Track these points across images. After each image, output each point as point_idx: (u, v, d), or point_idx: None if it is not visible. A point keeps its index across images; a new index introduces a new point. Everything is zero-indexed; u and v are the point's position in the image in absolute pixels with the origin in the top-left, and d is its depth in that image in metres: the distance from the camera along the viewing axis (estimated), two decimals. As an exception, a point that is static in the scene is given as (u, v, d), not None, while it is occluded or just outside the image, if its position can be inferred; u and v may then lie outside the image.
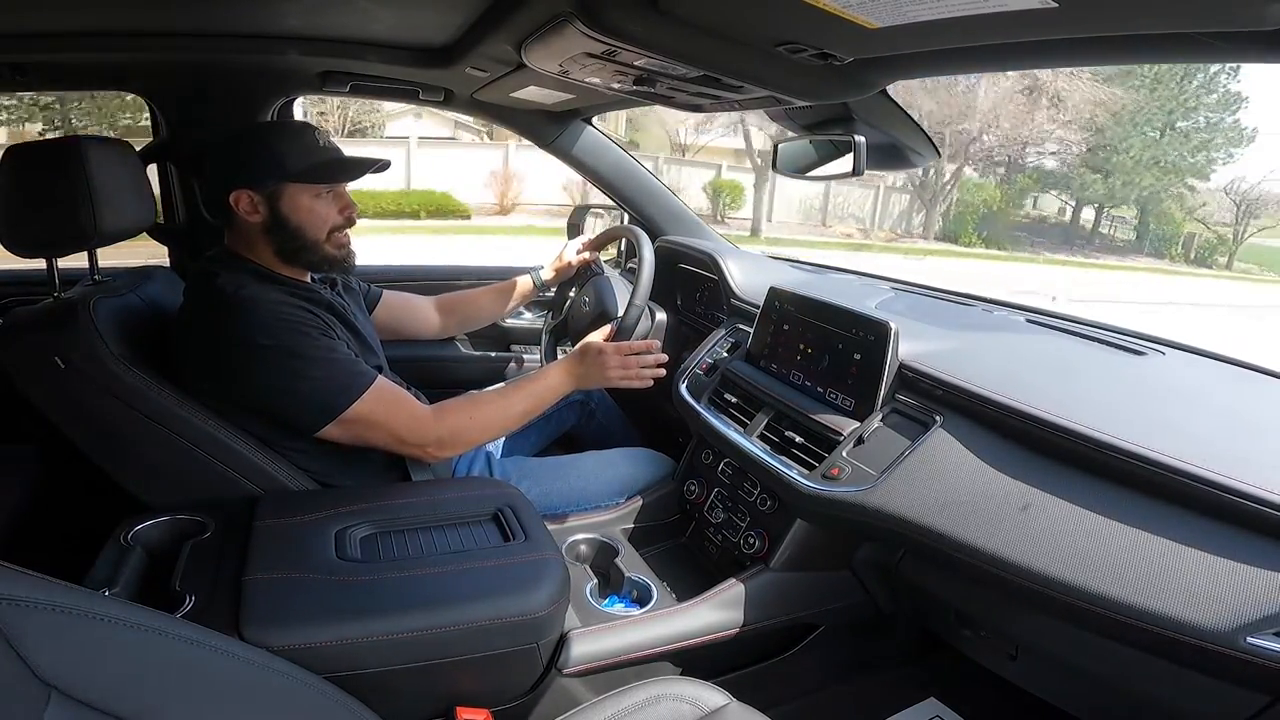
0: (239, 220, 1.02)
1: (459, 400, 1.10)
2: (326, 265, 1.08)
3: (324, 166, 1.03)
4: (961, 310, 1.33)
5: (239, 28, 1.23)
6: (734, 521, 1.19)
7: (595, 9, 0.76)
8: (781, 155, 1.28)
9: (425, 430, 1.04)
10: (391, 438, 1.03)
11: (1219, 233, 19.34)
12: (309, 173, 1.01)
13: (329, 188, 1.04)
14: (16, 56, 1.24)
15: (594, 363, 1.15)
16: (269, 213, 1.01)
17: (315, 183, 1.02)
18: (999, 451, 0.87)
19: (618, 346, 1.16)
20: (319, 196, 1.03)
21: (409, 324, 1.44)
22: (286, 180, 1.00)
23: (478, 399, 1.12)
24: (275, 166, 1.00)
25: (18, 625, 0.42)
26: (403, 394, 1.06)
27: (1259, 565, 0.63)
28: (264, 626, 0.73)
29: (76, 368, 0.90)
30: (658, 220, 1.77)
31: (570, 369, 1.17)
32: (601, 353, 1.15)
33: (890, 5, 0.64)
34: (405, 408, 1.04)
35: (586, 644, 0.95)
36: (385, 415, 1.01)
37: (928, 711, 1.12)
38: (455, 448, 1.10)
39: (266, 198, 1.01)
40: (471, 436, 1.10)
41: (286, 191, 1.01)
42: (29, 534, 1.27)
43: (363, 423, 1.00)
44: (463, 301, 1.51)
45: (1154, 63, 0.75)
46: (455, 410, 1.08)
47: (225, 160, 1.02)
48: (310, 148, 1.03)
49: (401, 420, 1.03)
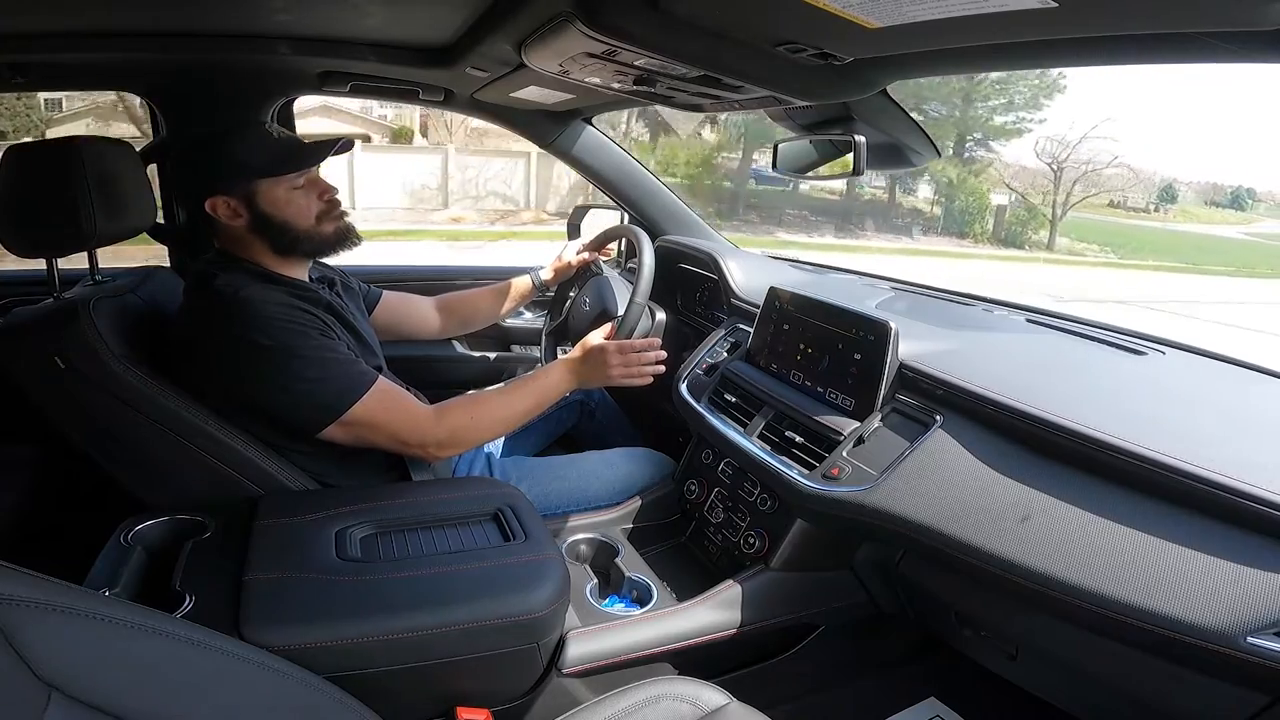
0: (223, 226, 1.02)
1: (460, 400, 1.10)
2: (329, 248, 1.07)
3: (286, 156, 1.02)
4: (962, 310, 1.33)
5: (239, 28, 1.23)
6: (734, 521, 1.19)
7: (595, 9, 0.76)
8: (781, 155, 1.28)
9: (426, 431, 1.04)
10: (392, 438, 1.03)
11: (1035, 205, 16.92)
12: (273, 165, 1.00)
13: (299, 175, 1.03)
14: (16, 56, 1.24)
15: (596, 361, 1.15)
16: (250, 213, 1.01)
17: (282, 174, 1.01)
18: (999, 451, 0.87)
19: (619, 345, 1.15)
20: (294, 187, 1.02)
21: (409, 324, 1.44)
22: (254, 177, 1.00)
23: (478, 399, 1.12)
24: (239, 167, 0.99)
25: (18, 625, 0.42)
26: (403, 394, 1.06)
27: (1259, 565, 0.63)
28: (264, 626, 0.73)
29: (76, 368, 0.90)
30: (658, 220, 1.77)
31: (572, 368, 1.16)
32: (603, 351, 1.15)
33: (890, 5, 0.64)
34: (406, 408, 1.04)
35: (586, 644, 0.95)
36: (386, 416, 1.01)
37: (928, 711, 1.12)
38: (457, 448, 1.10)
39: (243, 199, 1.00)
40: (473, 436, 1.09)
41: (260, 189, 1.00)
42: (29, 534, 1.27)
43: (363, 423, 1.00)
44: (462, 302, 1.50)
45: (1154, 63, 0.75)
46: (456, 410, 1.08)
47: (190, 169, 1.02)
48: (266, 142, 1.02)
49: (402, 421, 1.03)
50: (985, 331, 1.17)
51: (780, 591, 1.07)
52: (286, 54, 1.29)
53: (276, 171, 1.01)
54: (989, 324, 1.26)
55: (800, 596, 1.09)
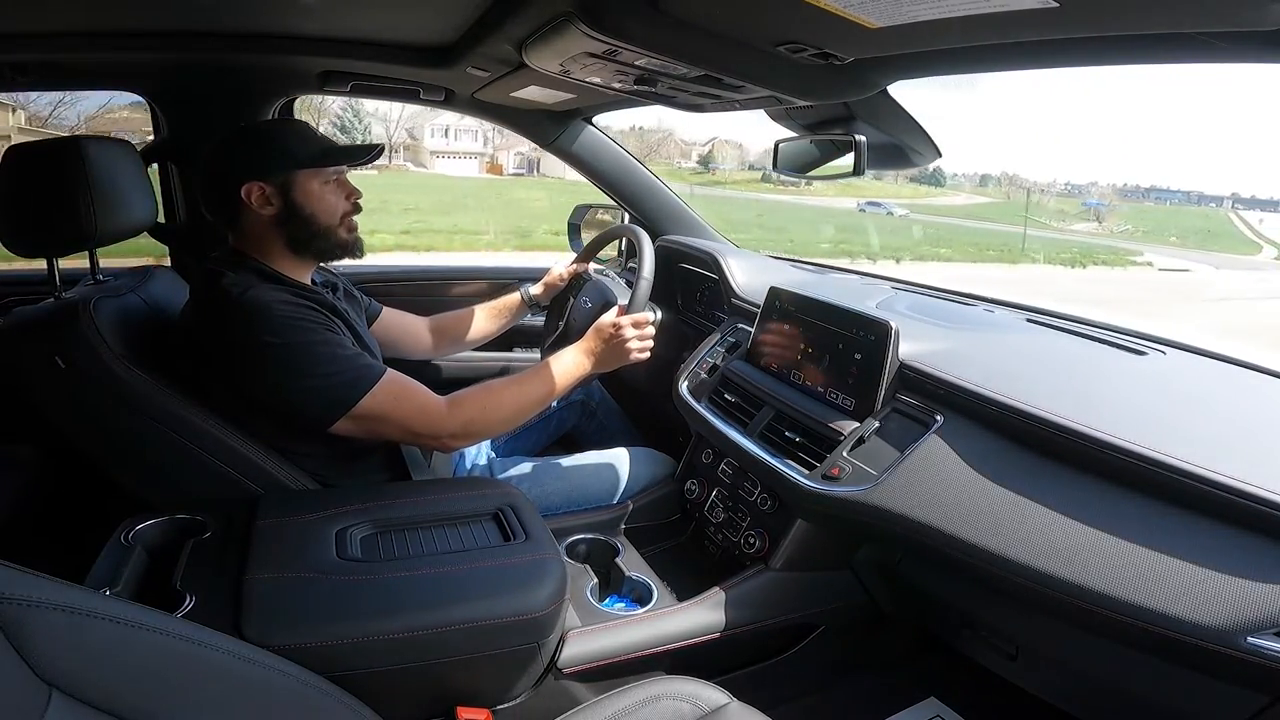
0: (249, 215, 1.03)
1: (473, 390, 1.09)
2: (340, 251, 1.09)
3: (331, 152, 1.06)
4: (962, 310, 1.33)
5: (240, 27, 1.23)
6: (734, 521, 1.20)
7: (596, 9, 0.77)
8: (782, 155, 1.28)
9: (439, 421, 1.03)
10: (405, 430, 1.03)
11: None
12: (318, 157, 1.04)
13: (335, 174, 1.07)
14: (18, 56, 1.24)
15: (612, 340, 1.16)
16: (282, 202, 1.03)
17: (325, 166, 1.05)
18: (1000, 451, 0.87)
19: (633, 319, 1.17)
20: (326, 184, 1.06)
21: (403, 344, 1.44)
22: (297, 168, 1.02)
23: (492, 387, 1.11)
24: (285, 156, 1.02)
25: (19, 624, 0.42)
26: (414, 386, 1.05)
27: (1259, 565, 0.63)
28: (264, 626, 0.73)
29: (77, 368, 0.91)
30: (658, 219, 1.77)
31: (588, 349, 1.17)
32: (618, 328, 1.16)
33: (891, 5, 0.64)
34: (417, 399, 1.03)
35: (587, 643, 0.95)
36: (397, 408, 1.01)
37: (928, 711, 1.12)
38: (471, 438, 1.09)
39: (278, 188, 1.02)
40: (487, 425, 1.08)
41: (297, 180, 1.03)
42: (29, 534, 1.27)
43: (375, 416, 0.99)
44: (455, 323, 1.51)
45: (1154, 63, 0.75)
46: (469, 400, 1.07)
47: (232, 155, 1.03)
48: (312, 137, 1.06)
49: (414, 412, 1.02)
50: (986, 331, 1.17)
51: (780, 591, 1.07)
52: (287, 54, 1.30)
53: (321, 163, 1.04)
54: (989, 324, 1.26)
55: (800, 596, 1.09)
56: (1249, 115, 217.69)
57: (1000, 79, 15.52)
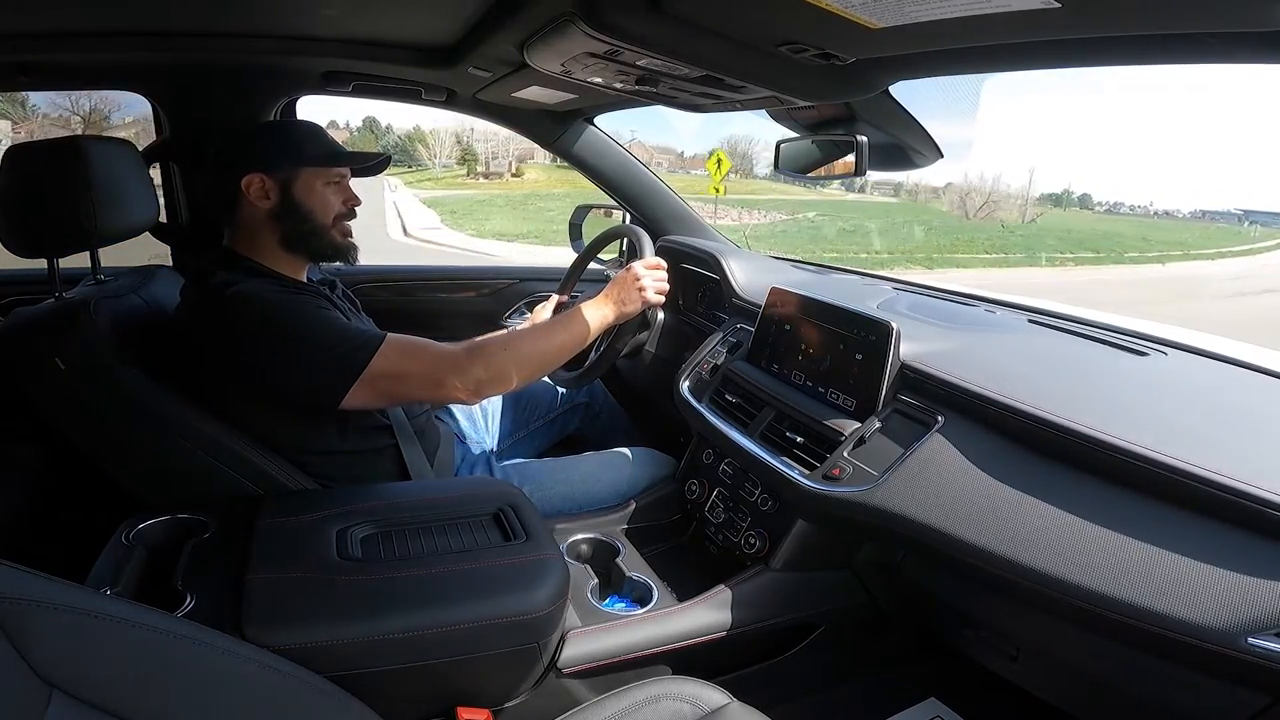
0: (245, 208, 1.04)
1: (492, 336, 1.10)
2: (331, 252, 1.09)
3: (339, 154, 1.08)
4: (963, 310, 1.33)
5: (243, 27, 1.23)
6: (735, 521, 1.19)
7: (597, 9, 0.77)
8: (783, 155, 1.28)
9: (458, 367, 1.01)
10: (424, 383, 1.01)
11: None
12: (325, 157, 1.05)
13: (338, 177, 1.09)
14: (21, 56, 1.24)
15: (630, 285, 1.21)
16: (280, 197, 1.04)
17: (333, 166, 1.07)
18: (1001, 452, 0.87)
19: (646, 262, 1.24)
20: (328, 185, 1.07)
21: None
22: (304, 165, 1.04)
23: (512, 334, 1.12)
24: (293, 151, 1.04)
25: (19, 624, 0.42)
26: (421, 340, 1.04)
27: (1260, 566, 0.63)
28: (265, 626, 0.73)
29: (78, 368, 0.91)
30: (659, 220, 1.77)
31: (609, 295, 1.22)
32: (631, 270, 1.22)
33: (892, 5, 0.64)
34: (429, 350, 1.02)
35: (587, 644, 0.95)
36: (409, 364, 0.99)
37: (928, 711, 1.12)
38: (494, 385, 1.05)
39: (280, 183, 1.03)
40: (508, 373, 1.05)
41: (300, 176, 1.04)
42: (30, 534, 1.27)
43: (388, 375, 0.97)
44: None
45: (1155, 63, 0.75)
46: (490, 345, 1.05)
47: (239, 146, 1.05)
48: (322, 138, 1.09)
49: (429, 364, 1.01)
50: (987, 332, 1.17)
51: (781, 591, 1.07)
52: (290, 54, 1.30)
53: (327, 163, 1.06)
54: (990, 324, 1.25)
55: (801, 596, 1.08)
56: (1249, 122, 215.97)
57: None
